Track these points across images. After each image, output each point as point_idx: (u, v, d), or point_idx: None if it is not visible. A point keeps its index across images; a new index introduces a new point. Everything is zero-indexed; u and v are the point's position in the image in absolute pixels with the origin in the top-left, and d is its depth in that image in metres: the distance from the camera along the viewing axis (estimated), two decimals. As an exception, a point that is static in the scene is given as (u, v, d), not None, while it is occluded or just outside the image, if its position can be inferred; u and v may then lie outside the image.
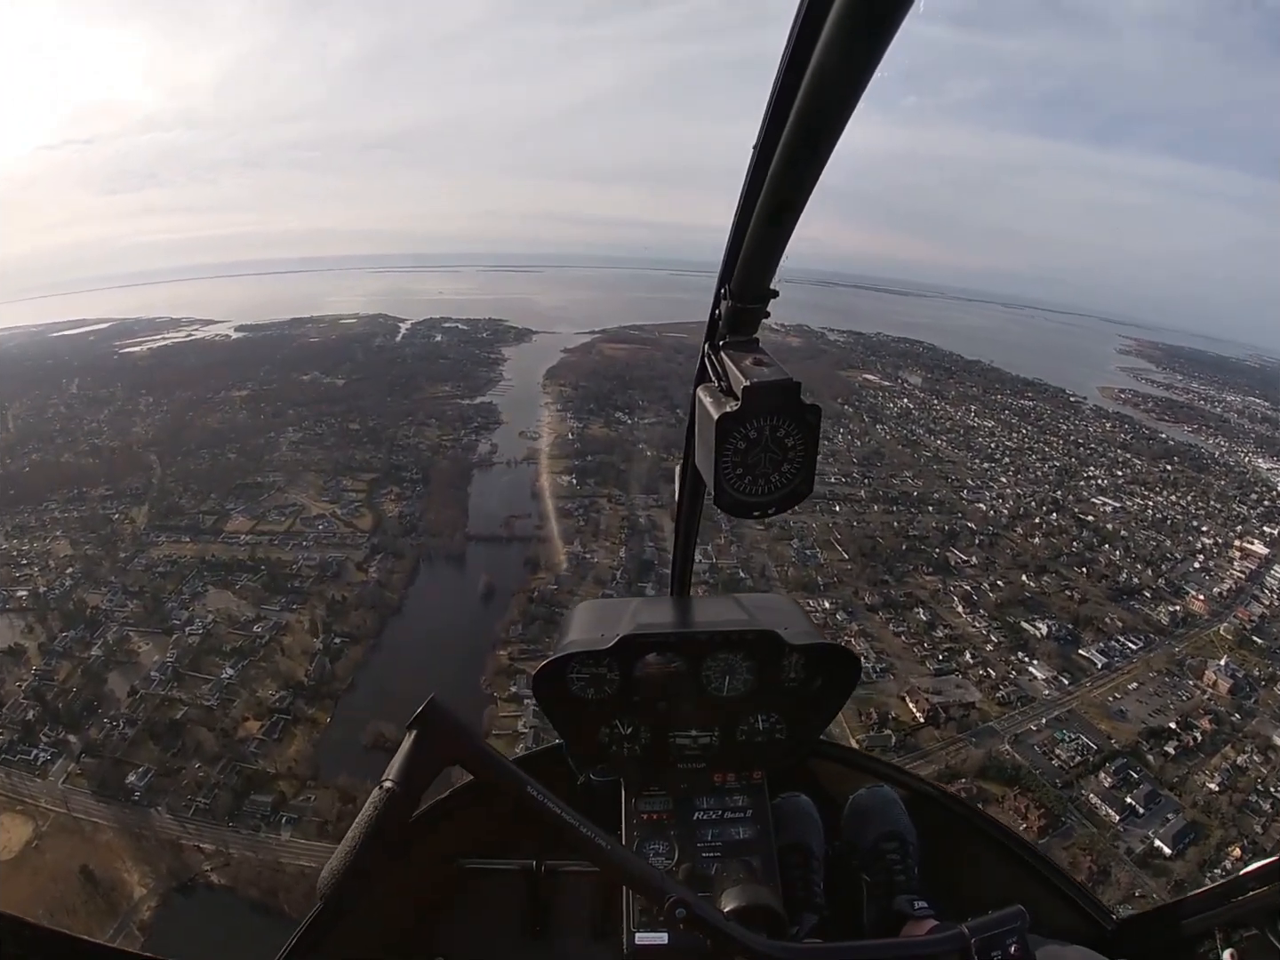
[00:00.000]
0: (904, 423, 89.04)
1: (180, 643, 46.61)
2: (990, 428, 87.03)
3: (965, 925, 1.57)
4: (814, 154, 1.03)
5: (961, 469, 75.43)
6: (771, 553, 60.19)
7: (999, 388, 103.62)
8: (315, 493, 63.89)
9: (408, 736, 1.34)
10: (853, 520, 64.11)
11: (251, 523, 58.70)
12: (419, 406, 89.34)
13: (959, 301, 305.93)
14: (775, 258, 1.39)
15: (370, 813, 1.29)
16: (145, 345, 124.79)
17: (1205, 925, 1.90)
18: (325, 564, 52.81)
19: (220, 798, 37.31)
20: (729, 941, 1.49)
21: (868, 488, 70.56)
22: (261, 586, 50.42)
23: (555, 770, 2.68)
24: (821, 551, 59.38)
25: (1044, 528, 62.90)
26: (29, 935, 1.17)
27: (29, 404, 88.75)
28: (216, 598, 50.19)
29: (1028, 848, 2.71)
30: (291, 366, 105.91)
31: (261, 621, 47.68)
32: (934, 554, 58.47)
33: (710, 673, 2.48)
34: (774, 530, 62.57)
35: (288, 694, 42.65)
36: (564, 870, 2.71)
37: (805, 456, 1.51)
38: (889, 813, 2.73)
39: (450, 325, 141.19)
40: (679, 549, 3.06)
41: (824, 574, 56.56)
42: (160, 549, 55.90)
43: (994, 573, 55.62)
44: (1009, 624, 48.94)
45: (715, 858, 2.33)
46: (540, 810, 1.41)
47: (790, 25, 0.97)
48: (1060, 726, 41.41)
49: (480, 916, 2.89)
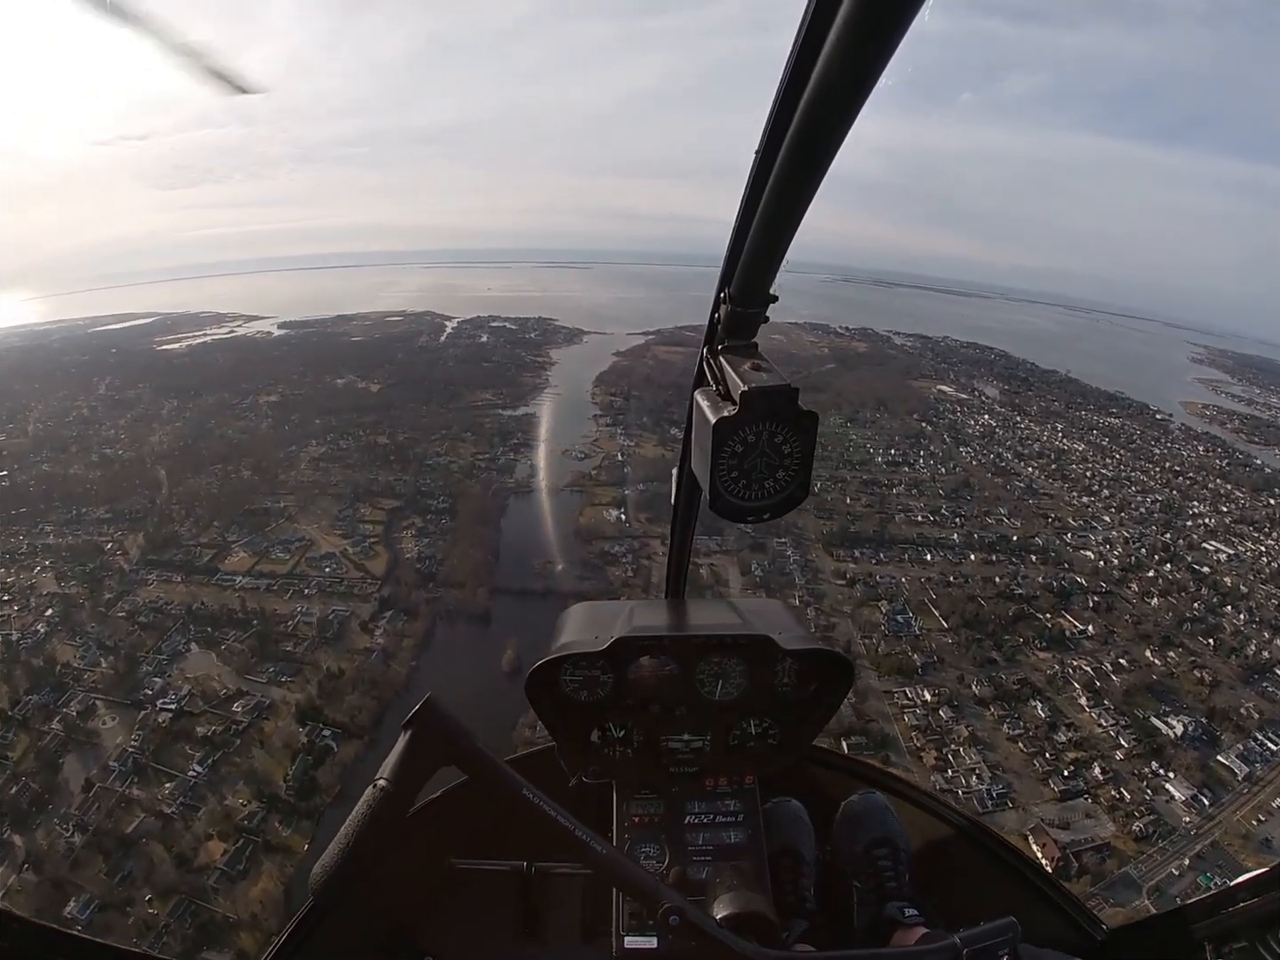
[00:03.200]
0: (988, 444, 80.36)
1: (149, 721, 38.58)
2: (1081, 451, 78.77)
3: (957, 935, 1.56)
4: (816, 160, 1.01)
5: (1060, 504, 66.66)
6: (857, 619, 49.48)
7: (1081, 402, 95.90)
8: (328, 523, 55.48)
9: (402, 736, 1.34)
10: (948, 573, 54.60)
11: (252, 560, 50.56)
12: (455, 418, 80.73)
13: (1021, 303, 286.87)
14: (775, 263, 1.38)
15: (364, 811, 1.29)
16: (184, 342, 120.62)
17: (1196, 936, 1.85)
18: (326, 621, 44.02)
19: (168, 948, 29.01)
20: (721, 949, 1.50)
21: (961, 530, 61.03)
22: (249, 649, 41.94)
23: (548, 772, 2.57)
24: (917, 618, 49.62)
25: (1159, 583, 54.30)
26: (17, 929, 1.21)
27: (53, 405, 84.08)
28: (198, 661, 41.97)
29: (1019, 856, 2.66)
30: (327, 368, 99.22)
31: (243, 699, 39.16)
32: (1045, 621, 48.98)
33: (704, 676, 2.47)
34: (860, 589, 51.97)
35: (261, 807, 33.93)
36: (555, 872, 2.61)
37: (801, 462, 1.52)
38: (881, 819, 2.70)
39: (498, 324, 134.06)
40: (674, 553, 3.07)
41: (921, 649, 46.56)
42: (148, 589, 48.29)
43: (1114, 646, 47.33)
44: (1138, 719, 41.42)
45: (706, 862, 2.33)
46: (534, 812, 1.41)
47: (795, 33, 0.98)
48: (1203, 868, 33.77)
49: (470, 917, 2.83)
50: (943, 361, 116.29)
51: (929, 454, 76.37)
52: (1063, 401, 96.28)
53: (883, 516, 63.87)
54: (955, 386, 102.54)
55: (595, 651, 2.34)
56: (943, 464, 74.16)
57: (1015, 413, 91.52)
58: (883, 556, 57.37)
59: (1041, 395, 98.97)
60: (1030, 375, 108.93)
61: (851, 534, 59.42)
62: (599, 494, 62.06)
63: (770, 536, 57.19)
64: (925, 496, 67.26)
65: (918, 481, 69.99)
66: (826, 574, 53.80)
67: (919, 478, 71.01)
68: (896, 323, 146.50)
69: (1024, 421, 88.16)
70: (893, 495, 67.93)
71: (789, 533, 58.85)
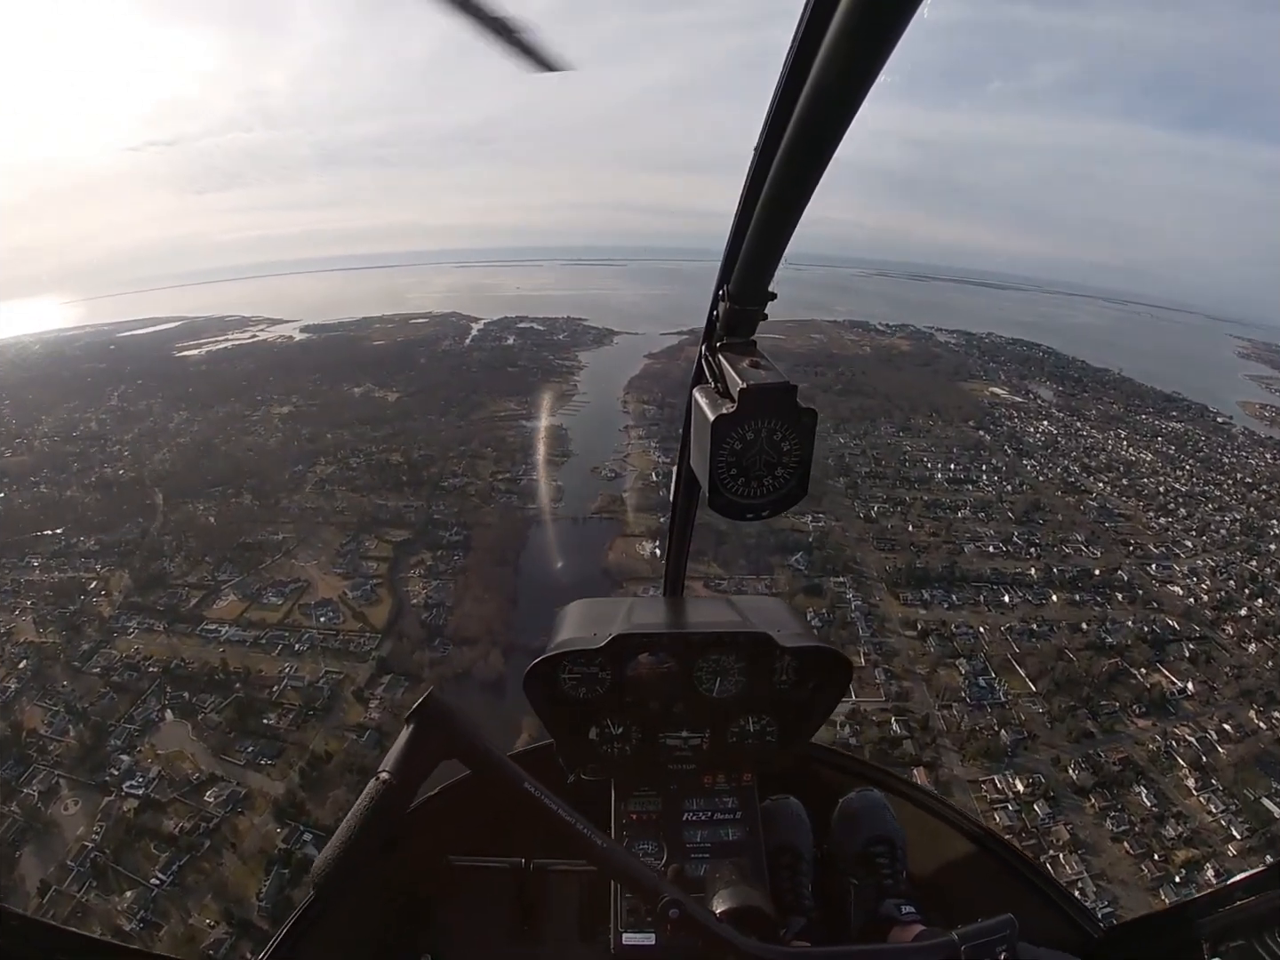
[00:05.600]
0: (1052, 455, 75.16)
1: (113, 810, 33.36)
2: (1149, 462, 74.24)
3: (955, 932, 1.55)
4: (815, 158, 1.02)
5: (1137, 526, 61.45)
6: (933, 682, 42.18)
7: (1139, 404, 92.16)
8: (328, 559, 49.77)
9: (405, 729, 1.34)
10: (1030, 619, 47.97)
11: (241, 606, 44.99)
12: (475, 430, 74.80)
13: (1058, 295, 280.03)
14: (774, 261, 1.38)
15: (366, 804, 1.28)
16: (205, 348, 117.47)
17: (1194, 934, 1.82)
18: (314, 688, 38.12)
19: None
20: (721, 943, 1.50)
21: (1038, 562, 55.11)
22: (227, 722, 36.27)
23: (545, 769, 2.40)
24: (1001, 679, 43.29)
25: (1253, 623, 48.85)
26: (17, 927, 1.23)
27: (63, 418, 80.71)
28: (170, 734, 36.48)
29: (1016, 854, 2.64)
30: (345, 375, 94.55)
31: (216, 786, 33.50)
32: (1141, 679, 43.34)
33: (702, 674, 2.46)
34: (934, 643, 44.56)
35: (229, 934, 28.16)
36: (553, 869, 2.62)
37: (800, 459, 1.51)
38: (878, 817, 2.68)
39: (525, 325, 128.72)
40: (672, 550, 3.07)
41: (1009, 722, 40.24)
42: (128, 640, 43.14)
43: (1216, 707, 42.23)
44: (1249, 802, 36.08)
45: (704, 859, 2.33)
46: (536, 806, 1.41)
47: (793, 30, 0.98)
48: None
49: (469, 914, 2.76)
50: (991, 360, 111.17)
51: (991, 468, 70.94)
52: (1121, 404, 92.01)
53: (951, 547, 57.30)
54: (1008, 389, 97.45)
55: (594, 649, 2.29)
56: (1008, 480, 68.52)
57: (1075, 417, 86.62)
58: (955, 599, 50.06)
59: (1098, 397, 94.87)
60: (1083, 375, 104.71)
61: (918, 571, 52.18)
62: (632, 522, 55.24)
63: (827, 576, 49.79)
64: (994, 521, 61.25)
65: (984, 502, 64.92)
66: (894, 623, 46.26)
67: (985, 498, 66.03)
68: (937, 318, 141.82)
69: (1085, 428, 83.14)
70: (959, 520, 62.14)
71: (848, 569, 51.47)
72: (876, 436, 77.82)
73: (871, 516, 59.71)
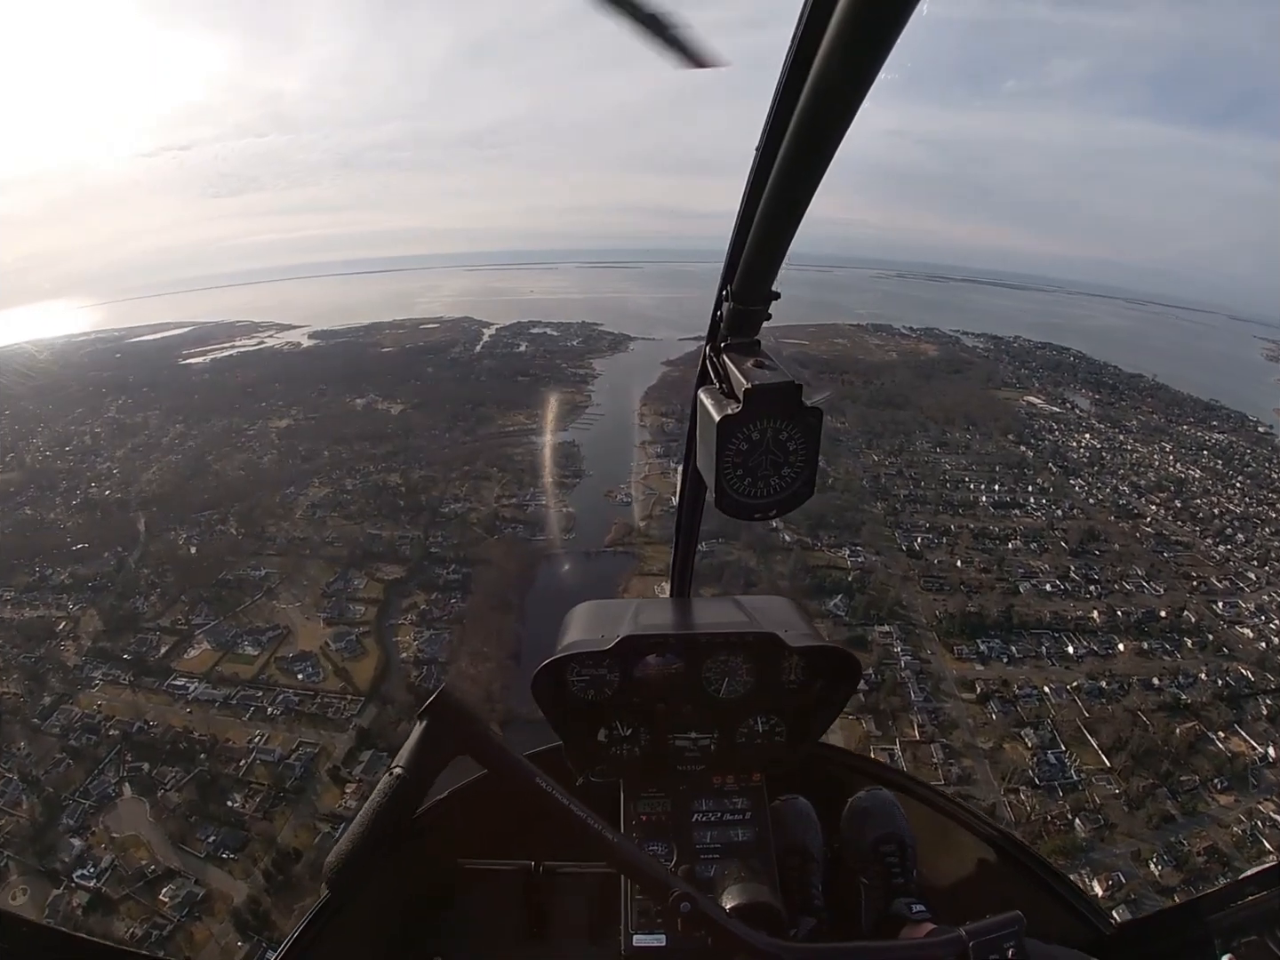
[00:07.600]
0: (1100, 474, 70.47)
1: (61, 905, 29.13)
2: (1199, 480, 69.47)
3: (963, 929, 1.55)
4: (816, 158, 1.02)
5: (1197, 556, 56.23)
6: (995, 758, 36.77)
7: (1179, 414, 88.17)
8: (312, 601, 45.35)
9: (418, 725, 1.34)
10: (1099, 676, 43.09)
11: (215, 656, 40.70)
12: (482, 448, 70.26)
13: (1078, 296, 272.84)
14: (777, 260, 1.39)
15: (379, 799, 1.28)
16: (210, 356, 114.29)
17: (1204, 930, 1.82)
18: (285, 765, 33.61)
19: None
20: (732, 939, 1.50)
21: (1100, 602, 49.49)
22: (188, 803, 31.92)
23: (554, 771, 2.24)
24: (1071, 752, 38.11)
25: None
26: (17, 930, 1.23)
27: (58, 431, 77.53)
28: (127, 813, 32.22)
29: (1026, 852, 2.60)
30: (349, 385, 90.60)
31: (173, 883, 29.14)
32: (1220, 745, 38.64)
33: (710, 674, 2.43)
34: (996, 707, 39.25)
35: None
36: (562, 871, 2.60)
37: (806, 459, 1.50)
38: (888, 815, 2.66)
39: (538, 331, 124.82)
40: (679, 551, 3.04)
41: (1084, 809, 35.09)
42: (91, 693, 39.07)
43: None
44: None
45: (714, 859, 2.30)
46: (548, 803, 1.41)
47: (793, 29, 0.98)
48: None
49: (478, 917, 2.74)
50: (1022, 366, 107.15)
51: (1038, 489, 66.36)
52: (1161, 414, 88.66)
53: (1005, 586, 51.73)
54: (1044, 398, 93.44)
55: (601, 650, 2.28)
56: (1057, 503, 63.86)
57: (1116, 429, 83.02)
58: (1015, 651, 44.75)
59: (1137, 406, 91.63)
60: (1117, 381, 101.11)
61: (972, 617, 46.58)
62: (650, 557, 50.27)
63: (871, 625, 44.45)
64: (1048, 553, 56.28)
65: (1035, 531, 59.87)
66: (950, 683, 40.88)
67: (1035, 525, 60.72)
68: (961, 321, 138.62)
69: (1129, 441, 79.74)
70: (1010, 553, 56.82)
71: (893, 615, 46.07)
72: (913, 453, 72.44)
73: (915, 549, 54.25)
